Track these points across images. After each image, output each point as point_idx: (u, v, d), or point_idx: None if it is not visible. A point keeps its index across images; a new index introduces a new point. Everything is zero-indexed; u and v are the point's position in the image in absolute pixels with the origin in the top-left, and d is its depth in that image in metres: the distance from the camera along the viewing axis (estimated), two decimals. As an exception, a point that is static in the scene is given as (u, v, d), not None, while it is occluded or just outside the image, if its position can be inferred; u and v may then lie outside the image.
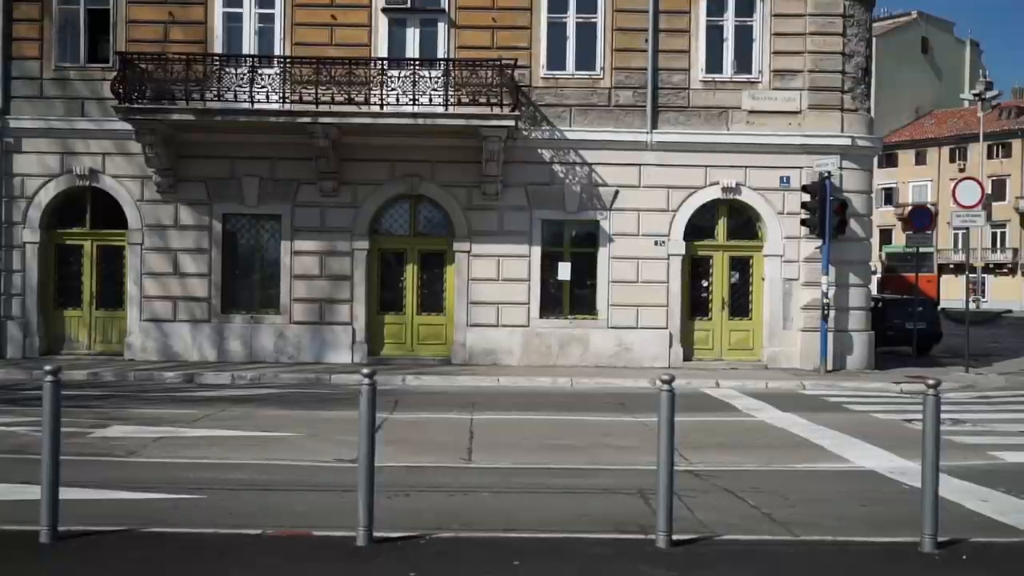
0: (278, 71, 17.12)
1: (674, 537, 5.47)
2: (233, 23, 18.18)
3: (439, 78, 17.14)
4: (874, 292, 24.39)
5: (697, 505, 7.01)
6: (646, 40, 18.19)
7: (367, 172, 18.08)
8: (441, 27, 18.19)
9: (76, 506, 6.28)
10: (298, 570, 4.96)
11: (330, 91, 16.89)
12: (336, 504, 6.89)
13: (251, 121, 17.08)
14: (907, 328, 21.88)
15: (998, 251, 63.29)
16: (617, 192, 18.18)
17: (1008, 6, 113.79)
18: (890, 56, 62.15)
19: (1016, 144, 62.55)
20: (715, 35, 18.46)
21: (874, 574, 5.13)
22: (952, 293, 48.80)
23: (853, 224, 18.27)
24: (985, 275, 59.52)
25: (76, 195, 18.32)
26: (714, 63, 18.42)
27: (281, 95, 16.92)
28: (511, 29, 18.10)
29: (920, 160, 66.64)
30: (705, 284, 18.76)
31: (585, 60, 18.34)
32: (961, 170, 58.94)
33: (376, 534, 5.39)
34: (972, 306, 28.33)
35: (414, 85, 16.94)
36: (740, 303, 18.79)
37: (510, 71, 17.03)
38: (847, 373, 17.74)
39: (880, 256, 46.97)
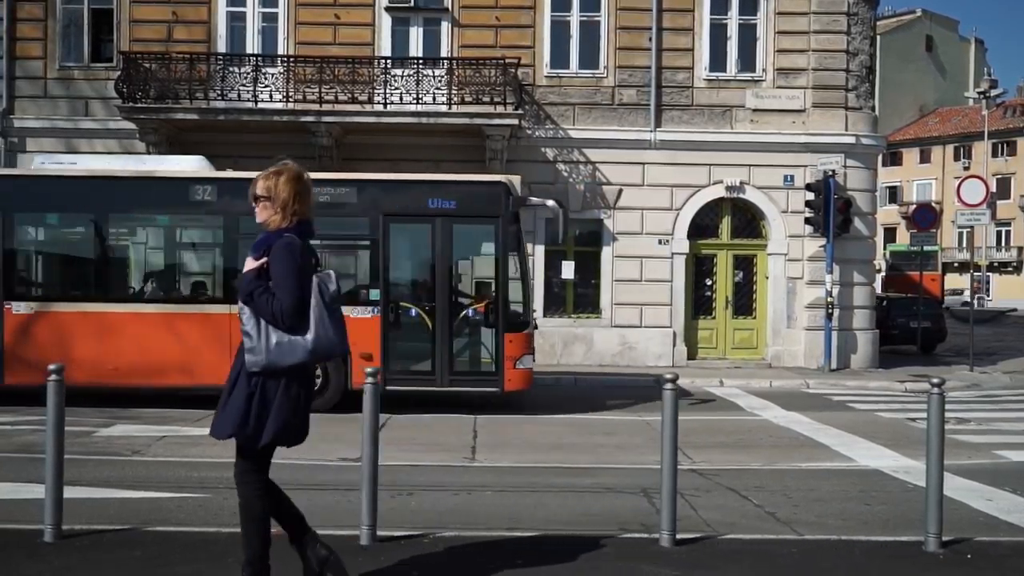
0: (281, 70, 17.14)
1: (678, 536, 5.46)
2: (236, 22, 18.21)
3: (442, 77, 17.14)
4: (878, 291, 24.36)
5: (701, 504, 7.00)
6: (650, 39, 18.19)
7: (370, 171, 18.02)
8: (444, 26, 18.19)
9: (80, 505, 6.29)
10: (301, 568, 4.95)
11: (333, 90, 16.91)
12: (340, 503, 6.89)
13: (254, 120, 17.11)
14: (911, 327, 21.86)
15: (1002, 249, 63.17)
16: (621, 191, 18.18)
17: (1012, 4, 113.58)
18: (894, 54, 62.01)
19: (1021, 142, 62.37)
20: (719, 33, 18.46)
21: (878, 573, 5.11)
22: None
23: (857, 222, 18.24)
24: (990, 273, 59.39)
25: (80, 194, 18.33)
26: (718, 61, 18.42)
27: (284, 94, 16.95)
28: (514, 28, 18.10)
29: (924, 158, 66.48)
30: (709, 283, 18.75)
31: (588, 59, 18.34)
32: (966, 168, 58.79)
33: (379, 533, 5.39)
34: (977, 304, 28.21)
35: (417, 84, 16.95)
36: (744, 302, 18.78)
37: (513, 70, 17.03)
38: (851, 372, 17.72)
39: (884, 255, 46.91)
